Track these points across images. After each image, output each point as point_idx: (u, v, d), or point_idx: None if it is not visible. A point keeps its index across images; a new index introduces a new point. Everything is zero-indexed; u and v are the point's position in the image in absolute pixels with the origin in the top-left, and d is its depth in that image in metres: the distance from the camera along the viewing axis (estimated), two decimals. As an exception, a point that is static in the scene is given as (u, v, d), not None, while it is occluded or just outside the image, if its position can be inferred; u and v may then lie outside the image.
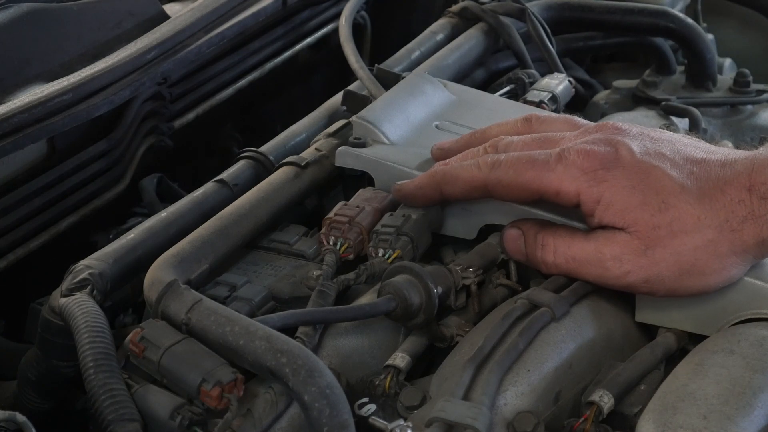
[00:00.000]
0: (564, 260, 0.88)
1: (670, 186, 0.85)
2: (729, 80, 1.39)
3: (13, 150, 1.05)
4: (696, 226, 0.83)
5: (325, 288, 0.89)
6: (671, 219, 0.84)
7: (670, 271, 0.84)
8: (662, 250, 0.84)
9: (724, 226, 0.83)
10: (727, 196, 0.83)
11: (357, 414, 0.81)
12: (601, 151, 0.87)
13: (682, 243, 0.83)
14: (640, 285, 0.86)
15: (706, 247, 0.83)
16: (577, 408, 0.83)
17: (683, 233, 0.83)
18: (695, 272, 0.84)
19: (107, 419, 0.75)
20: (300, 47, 1.48)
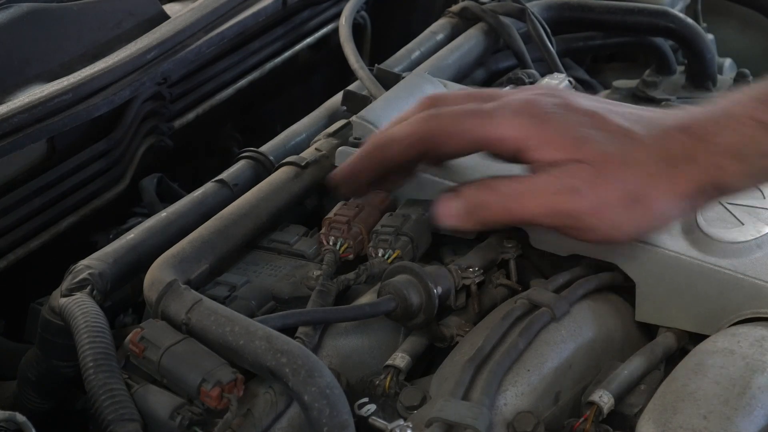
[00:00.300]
0: (508, 194, 0.86)
1: (617, 123, 0.85)
2: (729, 80, 1.39)
3: (13, 150, 1.04)
4: (640, 158, 0.84)
5: (324, 288, 0.89)
6: (621, 150, 0.84)
7: (618, 198, 0.84)
8: (612, 177, 0.84)
9: (663, 161, 0.84)
10: (667, 136, 0.84)
11: (357, 414, 0.81)
12: (545, 100, 0.86)
13: (630, 172, 0.84)
14: (588, 213, 0.84)
15: (649, 180, 0.84)
16: (577, 408, 0.83)
17: (630, 164, 0.84)
18: (642, 203, 0.84)
19: (107, 419, 0.75)
20: (300, 47, 1.48)
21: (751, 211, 0.94)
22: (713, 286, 0.87)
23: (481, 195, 0.87)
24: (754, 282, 0.86)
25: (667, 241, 0.90)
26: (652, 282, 0.90)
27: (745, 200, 0.95)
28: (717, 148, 0.83)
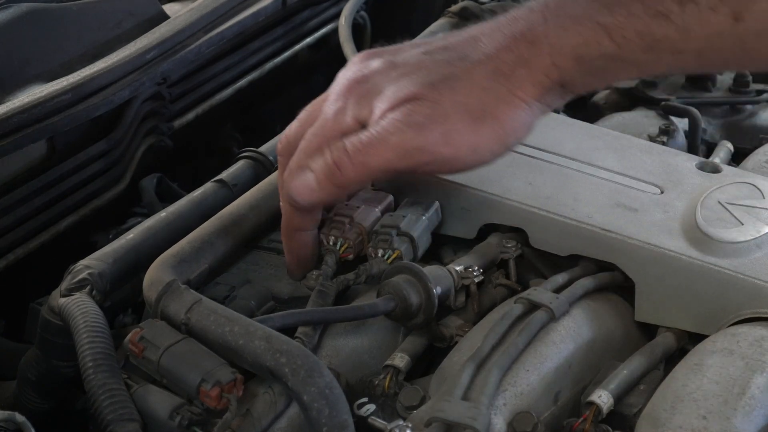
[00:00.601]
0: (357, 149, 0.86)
1: (429, 61, 0.87)
2: (729, 80, 1.39)
3: (13, 150, 1.05)
4: (471, 78, 0.85)
5: (324, 288, 0.89)
6: (445, 78, 0.85)
7: (462, 120, 0.84)
8: (449, 102, 0.84)
9: (496, 73, 0.84)
10: (492, 48, 0.85)
11: (356, 414, 0.81)
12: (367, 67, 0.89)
13: (464, 93, 0.84)
14: (440, 144, 0.85)
15: (487, 94, 0.84)
16: (576, 408, 0.83)
17: (462, 86, 0.84)
18: (488, 117, 0.84)
19: (107, 419, 0.75)
20: (300, 47, 1.48)
21: (750, 211, 0.94)
22: (713, 286, 0.87)
23: (329, 158, 0.87)
24: (753, 282, 0.86)
25: (667, 241, 0.90)
26: (651, 282, 0.90)
27: (745, 200, 0.95)
28: (554, 50, 0.83)
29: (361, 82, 0.89)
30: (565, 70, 0.84)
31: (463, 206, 0.97)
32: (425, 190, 0.99)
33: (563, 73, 0.84)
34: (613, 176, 1.00)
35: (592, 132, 1.10)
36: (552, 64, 0.84)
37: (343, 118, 0.88)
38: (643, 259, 0.90)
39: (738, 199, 0.95)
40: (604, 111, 1.38)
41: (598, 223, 0.93)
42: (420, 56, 0.88)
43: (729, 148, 1.22)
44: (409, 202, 0.97)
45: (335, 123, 0.88)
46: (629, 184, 0.99)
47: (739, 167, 1.13)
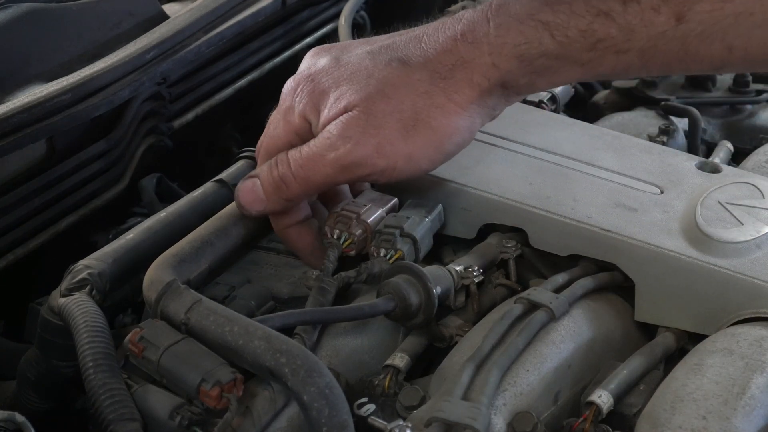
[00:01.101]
0: (299, 165, 0.88)
1: (369, 62, 0.87)
2: (729, 80, 1.39)
3: (12, 150, 1.05)
4: (407, 83, 0.85)
5: (325, 284, 0.89)
6: (381, 85, 0.85)
7: (395, 130, 0.84)
8: (382, 113, 0.85)
9: (434, 76, 0.84)
10: (431, 50, 0.85)
11: (356, 414, 0.81)
12: (301, 70, 0.91)
13: (397, 101, 0.84)
14: (375, 156, 0.85)
15: (422, 99, 0.84)
16: (576, 408, 0.83)
17: (396, 93, 0.84)
18: (421, 126, 0.84)
19: (107, 419, 0.75)
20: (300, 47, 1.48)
21: (750, 211, 0.94)
22: (713, 286, 0.87)
23: (275, 173, 0.89)
24: (753, 282, 0.86)
25: (667, 241, 0.90)
26: (651, 282, 0.90)
27: (745, 200, 0.95)
28: (494, 49, 0.83)
29: (307, 81, 0.91)
30: (505, 70, 0.83)
31: (463, 206, 0.97)
32: (425, 191, 0.99)
33: (504, 74, 0.84)
34: (612, 176, 1.00)
35: (592, 132, 1.10)
36: (492, 64, 0.83)
37: (292, 116, 0.91)
38: (642, 259, 0.90)
39: (738, 199, 0.95)
40: (604, 111, 1.38)
41: (597, 223, 0.93)
42: (363, 56, 0.89)
43: (729, 148, 1.22)
44: (412, 203, 0.97)
45: (285, 123, 0.91)
46: (629, 184, 0.99)
47: (739, 167, 1.13)
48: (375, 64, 0.87)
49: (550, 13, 0.81)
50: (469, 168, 1.00)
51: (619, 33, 0.80)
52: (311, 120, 0.90)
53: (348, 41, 0.93)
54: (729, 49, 0.79)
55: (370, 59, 0.88)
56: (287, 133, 0.91)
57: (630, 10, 0.79)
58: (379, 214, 0.96)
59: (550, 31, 0.81)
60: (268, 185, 0.90)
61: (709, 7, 0.77)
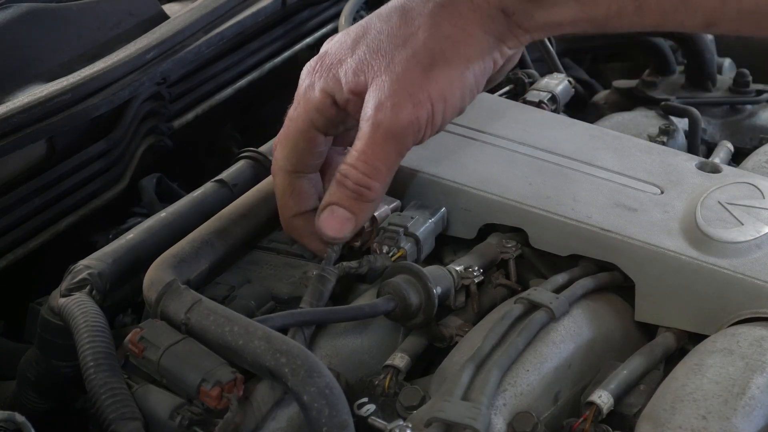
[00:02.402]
0: (361, 161, 0.87)
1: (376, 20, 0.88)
2: (729, 80, 1.39)
3: (12, 150, 1.04)
4: (410, 26, 0.85)
5: (326, 273, 0.89)
6: (390, 38, 0.86)
7: (417, 74, 0.84)
8: (399, 63, 0.85)
9: (434, 8, 0.85)
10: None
11: (356, 414, 0.81)
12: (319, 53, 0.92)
13: (409, 46, 0.85)
14: (410, 109, 0.85)
15: (430, 36, 0.85)
16: (576, 408, 0.83)
17: (405, 39, 0.85)
18: (438, 61, 0.84)
19: (108, 418, 0.75)
20: (299, 47, 1.48)
21: (750, 211, 0.94)
22: (713, 286, 0.87)
23: (349, 184, 0.88)
24: (753, 282, 0.86)
25: (667, 241, 0.90)
26: (651, 282, 0.90)
27: (745, 200, 0.95)
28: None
29: (323, 57, 0.91)
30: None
31: (464, 206, 0.97)
32: (426, 190, 0.99)
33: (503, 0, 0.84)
34: (612, 176, 1.00)
35: (592, 132, 1.10)
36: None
37: (312, 93, 0.91)
38: (642, 259, 0.90)
39: (738, 199, 0.95)
40: (604, 111, 1.39)
41: (597, 223, 0.93)
42: (370, 18, 0.90)
43: (729, 148, 1.22)
44: (416, 204, 0.98)
45: (305, 102, 0.91)
46: (629, 184, 0.99)
47: (739, 167, 1.13)
48: (380, 20, 0.88)
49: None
50: (469, 168, 1.00)
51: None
52: (334, 92, 0.89)
53: None
54: None
55: (377, 18, 0.89)
56: (308, 111, 0.91)
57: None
58: (385, 210, 0.96)
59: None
60: (348, 200, 0.88)
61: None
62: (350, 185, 0.88)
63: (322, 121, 0.91)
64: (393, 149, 0.87)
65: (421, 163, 1.01)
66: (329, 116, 0.91)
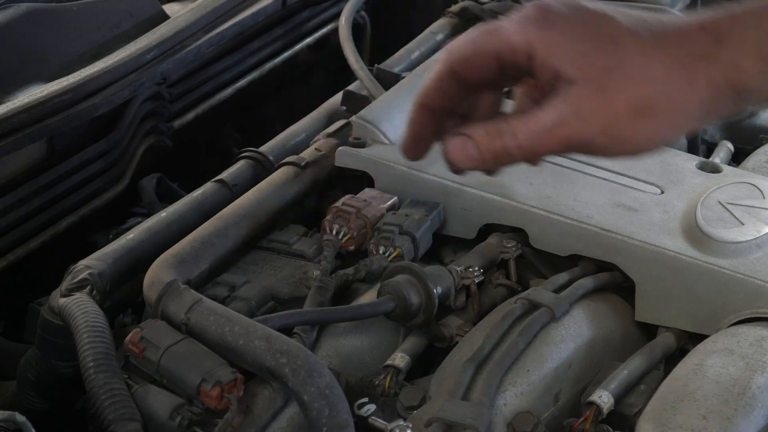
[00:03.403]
0: (526, 138, 0.83)
1: (623, 29, 0.83)
2: (729, 80, 1.39)
3: (13, 150, 1.04)
4: (649, 65, 0.81)
5: (323, 283, 0.89)
6: (623, 59, 0.82)
7: (625, 112, 0.81)
8: (617, 91, 0.81)
9: (675, 64, 0.81)
10: (679, 36, 0.82)
11: (356, 414, 0.81)
12: (551, 3, 0.84)
13: (635, 83, 0.81)
14: (599, 136, 0.82)
15: (658, 85, 0.81)
16: (576, 408, 0.83)
17: (636, 73, 0.81)
18: (649, 112, 0.81)
19: (108, 419, 0.75)
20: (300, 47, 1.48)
21: (751, 211, 0.94)
22: (713, 286, 0.87)
23: (498, 143, 0.84)
24: (754, 282, 0.86)
25: (667, 241, 0.90)
26: (651, 282, 0.90)
27: (745, 200, 0.95)
28: (738, 47, 0.79)
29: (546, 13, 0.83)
30: (747, 72, 0.80)
31: (464, 206, 0.97)
32: (426, 191, 0.99)
33: (744, 76, 0.80)
34: (613, 176, 1.00)
35: (592, 132, 1.10)
36: (735, 64, 0.80)
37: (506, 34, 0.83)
38: (643, 259, 0.90)
39: (738, 199, 0.95)
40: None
41: (598, 223, 0.93)
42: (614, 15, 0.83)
43: (729, 148, 1.22)
44: (412, 202, 0.98)
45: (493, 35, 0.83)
46: (629, 184, 0.99)
47: (739, 167, 1.13)
48: (623, 29, 0.83)
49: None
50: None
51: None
52: (535, 52, 0.82)
53: None
54: None
55: (621, 22, 0.83)
56: (490, 44, 0.84)
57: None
58: (380, 210, 0.96)
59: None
60: (487, 151, 0.84)
61: None
62: (500, 144, 0.84)
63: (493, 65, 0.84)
64: (559, 149, 0.83)
65: (421, 163, 1.01)
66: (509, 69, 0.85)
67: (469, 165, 0.85)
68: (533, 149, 0.84)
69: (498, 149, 0.84)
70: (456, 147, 0.86)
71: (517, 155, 0.84)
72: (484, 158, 0.85)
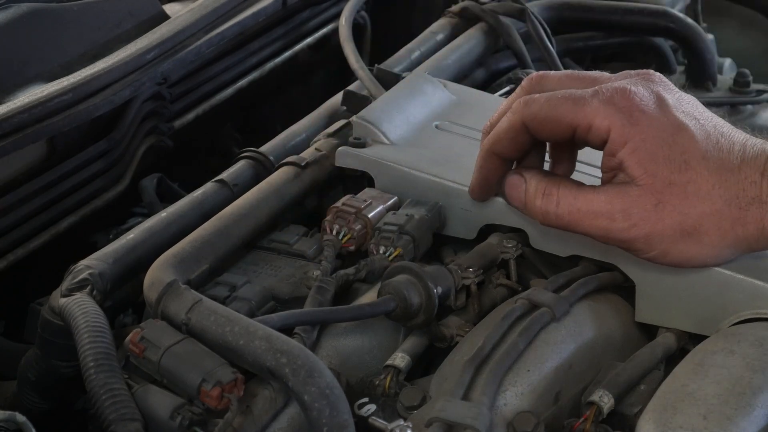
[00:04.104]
0: (567, 211, 0.86)
1: (695, 149, 0.84)
2: (729, 80, 1.39)
3: (13, 150, 1.05)
4: (708, 193, 0.83)
5: (323, 284, 0.89)
6: (688, 180, 0.83)
7: (672, 230, 0.83)
8: (672, 208, 0.83)
9: (732, 201, 0.83)
10: (741, 174, 0.83)
11: (357, 414, 0.81)
12: (640, 93, 0.85)
13: (691, 205, 0.83)
14: (640, 241, 0.84)
15: (711, 216, 0.83)
16: (577, 408, 0.83)
17: (695, 196, 0.83)
18: (694, 238, 0.83)
19: (108, 419, 0.75)
20: (300, 47, 1.48)
21: (751, 211, 0.93)
22: (713, 286, 0.87)
23: (539, 203, 0.87)
24: (754, 282, 0.86)
25: (667, 241, 0.90)
26: (652, 282, 0.90)
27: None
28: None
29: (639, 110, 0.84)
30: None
31: (464, 207, 0.97)
32: (426, 191, 0.99)
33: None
34: (613, 176, 1.00)
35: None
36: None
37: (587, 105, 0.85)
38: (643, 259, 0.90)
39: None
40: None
41: (598, 223, 0.93)
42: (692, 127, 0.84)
43: (729, 148, 1.22)
44: (412, 202, 0.98)
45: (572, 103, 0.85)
46: (629, 184, 0.99)
47: (739, 167, 1.13)
48: (696, 150, 0.84)
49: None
50: (469, 168, 1.00)
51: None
52: (612, 140, 0.84)
53: (671, 90, 0.88)
54: None
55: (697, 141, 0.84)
56: (570, 114, 0.85)
57: None
58: (380, 210, 0.96)
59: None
60: (531, 203, 0.88)
61: None
62: (541, 205, 0.87)
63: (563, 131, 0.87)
64: (594, 234, 0.86)
65: (421, 163, 1.01)
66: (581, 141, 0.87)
67: (514, 204, 0.91)
68: (568, 224, 0.86)
69: (539, 207, 0.88)
70: (512, 184, 0.90)
71: (553, 221, 0.87)
72: (528, 205, 0.89)
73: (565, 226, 0.87)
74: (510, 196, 0.91)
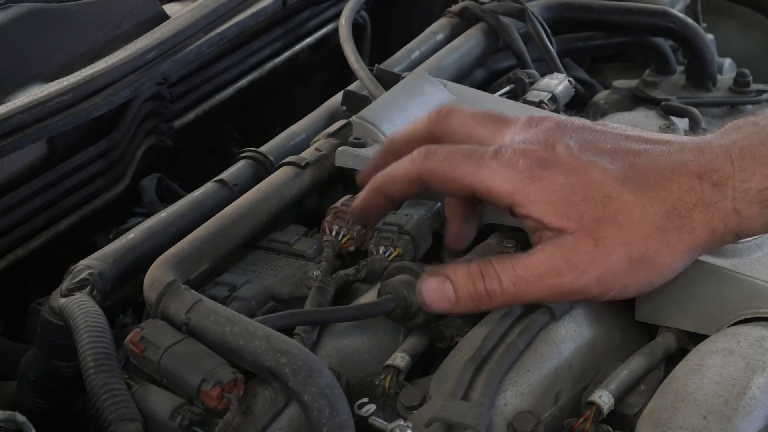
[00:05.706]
0: (512, 282, 0.82)
1: (611, 180, 0.81)
2: (729, 80, 1.39)
3: (13, 150, 1.05)
4: (642, 215, 0.81)
5: (323, 284, 0.89)
6: (615, 210, 0.81)
7: (621, 263, 0.81)
8: (611, 241, 0.81)
9: (672, 213, 0.81)
10: (674, 184, 0.81)
11: (357, 414, 0.81)
12: (537, 150, 0.83)
13: (629, 233, 0.80)
14: (594, 285, 0.82)
15: (654, 236, 0.81)
16: (576, 408, 0.83)
17: (630, 223, 0.81)
18: (645, 263, 0.81)
19: (108, 419, 0.75)
20: (300, 47, 1.48)
21: (751, 211, 0.93)
22: (713, 286, 0.87)
23: (480, 286, 0.83)
24: (754, 282, 0.86)
25: (667, 241, 0.90)
26: (652, 282, 0.90)
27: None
28: (737, 194, 0.80)
29: (540, 167, 0.82)
30: (746, 216, 0.80)
31: (464, 206, 0.97)
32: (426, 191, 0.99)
33: (743, 221, 0.80)
34: (613, 176, 1.00)
35: (593, 132, 1.10)
36: (733, 209, 0.80)
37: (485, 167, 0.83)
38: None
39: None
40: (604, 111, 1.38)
41: (598, 223, 0.93)
42: (602, 164, 0.82)
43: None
44: (411, 202, 0.98)
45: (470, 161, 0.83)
46: (629, 184, 0.99)
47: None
48: (612, 180, 0.81)
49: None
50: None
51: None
52: (517, 203, 0.82)
53: (585, 124, 0.86)
54: None
55: (609, 172, 0.82)
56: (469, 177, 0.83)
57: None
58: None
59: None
60: (464, 294, 0.83)
61: None
62: (482, 288, 0.82)
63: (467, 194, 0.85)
64: (547, 297, 0.83)
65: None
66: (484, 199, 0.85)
67: (442, 308, 0.84)
68: (517, 295, 0.83)
69: (479, 292, 0.83)
70: (432, 288, 0.84)
71: (499, 299, 0.83)
72: (460, 300, 0.83)
73: (513, 299, 0.83)
74: (432, 301, 0.84)
